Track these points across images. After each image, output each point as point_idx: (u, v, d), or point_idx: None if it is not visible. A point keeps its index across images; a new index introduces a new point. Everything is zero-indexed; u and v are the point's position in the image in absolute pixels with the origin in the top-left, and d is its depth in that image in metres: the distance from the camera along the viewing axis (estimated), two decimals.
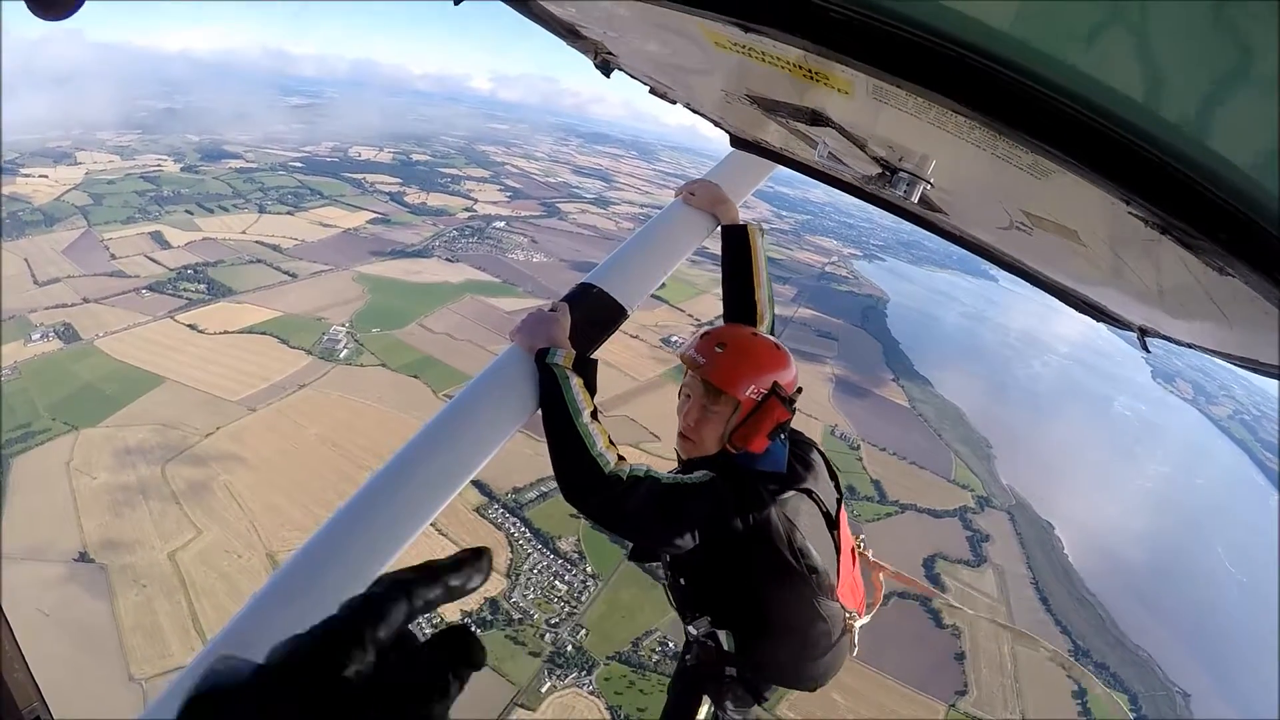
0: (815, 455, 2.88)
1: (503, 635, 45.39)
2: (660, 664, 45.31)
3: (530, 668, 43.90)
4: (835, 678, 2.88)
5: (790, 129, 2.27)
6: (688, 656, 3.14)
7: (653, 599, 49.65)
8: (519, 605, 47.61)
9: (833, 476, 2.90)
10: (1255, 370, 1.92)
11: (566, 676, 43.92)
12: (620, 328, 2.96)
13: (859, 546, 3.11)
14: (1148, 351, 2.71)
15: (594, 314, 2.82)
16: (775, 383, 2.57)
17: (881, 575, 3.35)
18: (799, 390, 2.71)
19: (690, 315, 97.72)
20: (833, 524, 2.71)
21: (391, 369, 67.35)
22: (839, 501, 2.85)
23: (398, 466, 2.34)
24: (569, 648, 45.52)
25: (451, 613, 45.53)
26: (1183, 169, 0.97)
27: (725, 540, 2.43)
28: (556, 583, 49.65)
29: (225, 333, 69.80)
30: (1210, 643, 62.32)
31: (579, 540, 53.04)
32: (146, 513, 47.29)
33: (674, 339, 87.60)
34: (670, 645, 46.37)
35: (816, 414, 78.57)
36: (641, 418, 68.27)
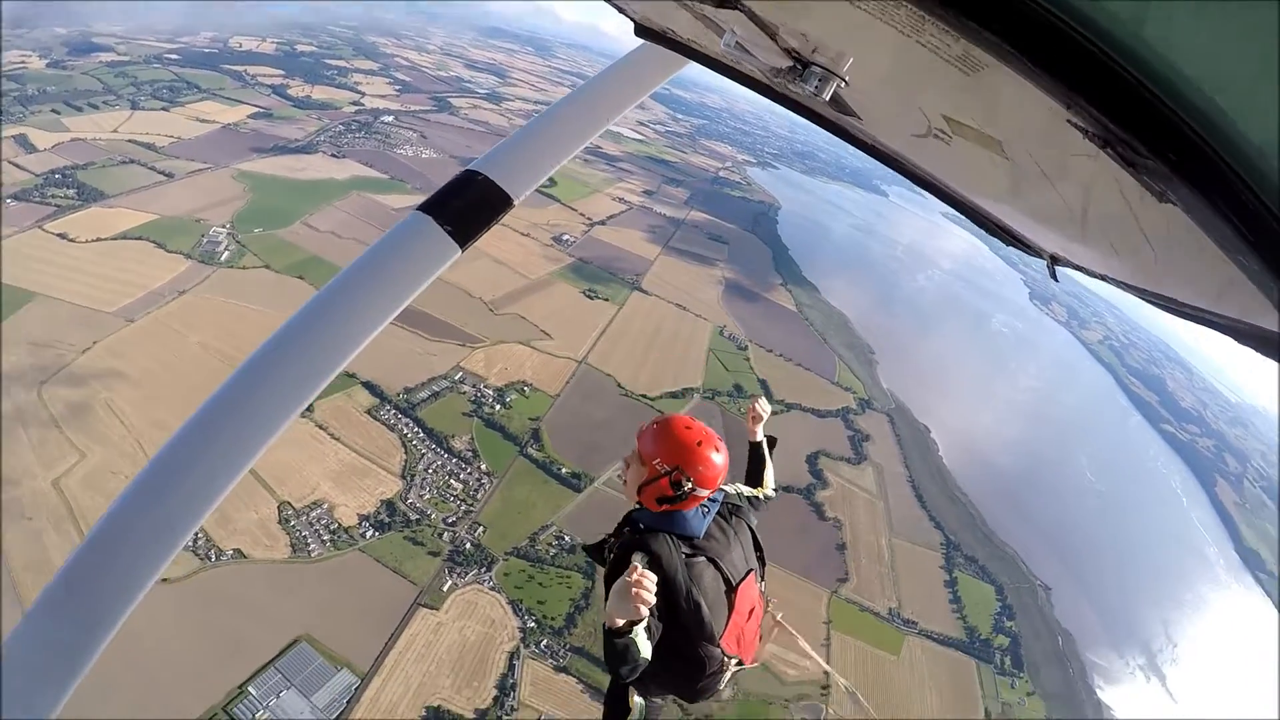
0: (743, 531, 3.50)
1: (401, 537, 45.66)
2: (558, 558, 46.77)
3: (430, 567, 44.45)
4: None
5: (697, 14, 2.14)
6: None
7: (547, 494, 50.77)
8: (415, 506, 47.72)
9: (758, 548, 3.54)
10: (1169, 308, 1.90)
11: (466, 574, 44.74)
12: (510, 221, 2.88)
13: (770, 610, 3.66)
14: (1056, 280, 2.85)
15: (478, 202, 2.78)
16: (679, 467, 3.12)
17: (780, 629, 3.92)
18: (718, 495, 3.39)
19: (582, 214, 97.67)
20: (731, 588, 3.22)
21: (276, 270, 64.79)
22: (749, 571, 3.38)
23: (283, 337, 2.34)
24: (467, 545, 46.20)
25: (349, 518, 45.40)
26: (1138, 77, 0.87)
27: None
28: (452, 481, 49.91)
29: (98, 240, 64.44)
30: (1070, 543, 69.11)
31: (473, 438, 53.35)
32: (25, 440, 44.15)
33: (565, 237, 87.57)
34: (566, 539, 47.82)
35: (706, 315, 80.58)
36: (532, 316, 68.38)
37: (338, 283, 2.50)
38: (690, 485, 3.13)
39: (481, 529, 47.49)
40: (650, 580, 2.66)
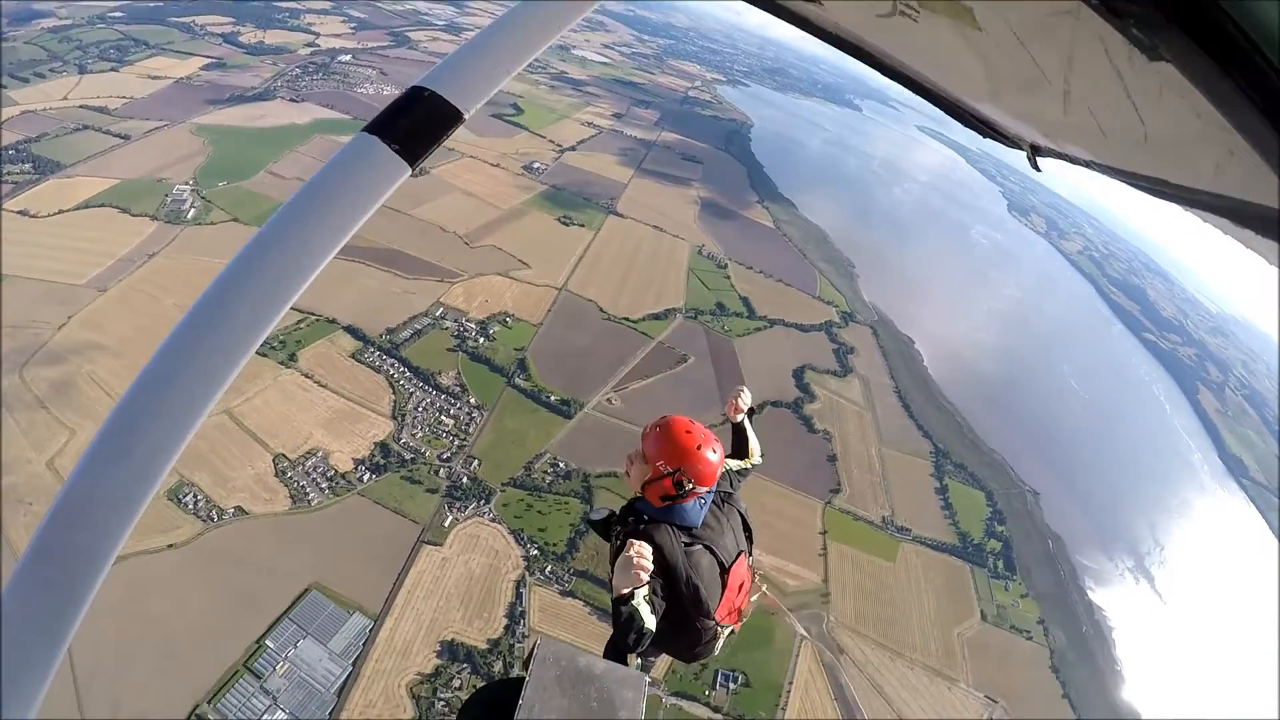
0: (734, 516, 3.99)
1: (398, 477, 45.89)
2: (554, 485, 47.40)
3: (430, 504, 44.85)
4: None
5: None
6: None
7: (537, 423, 51.24)
8: (409, 445, 47.91)
9: (747, 529, 4.07)
10: (1159, 193, 1.74)
11: (466, 508, 45.20)
12: (479, 151, 2.57)
13: (758, 584, 4.16)
14: (1038, 170, 2.75)
15: (426, 118, 2.67)
16: (680, 468, 3.59)
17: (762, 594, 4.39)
18: (713, 487, 3.77)
19: (551, 141, 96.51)
20: (724, 570, 3.71)
21: (244, 222, 63.26)
22: (740, 553, 3.87)
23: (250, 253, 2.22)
24: (464, 480, 46.62)
25: (344, 464, 45.51)
26: None
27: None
28: (443, 418, 50.10)
29: (60, 212, 62.52)
30: (1057, 449, 70.44)
31: (459, 373, 53.45)
32: (14, 425, 43.40)
33: (536, 165, 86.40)
34: (561, 465, 48.47)
35: (684, 235, 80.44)
36: (508, 246, 68.41)
37: (284, 212, 2.37)
38: (691, 484, 3.61)
39: (476, 462, 47.81)
40: (647, 550, 3.17)
